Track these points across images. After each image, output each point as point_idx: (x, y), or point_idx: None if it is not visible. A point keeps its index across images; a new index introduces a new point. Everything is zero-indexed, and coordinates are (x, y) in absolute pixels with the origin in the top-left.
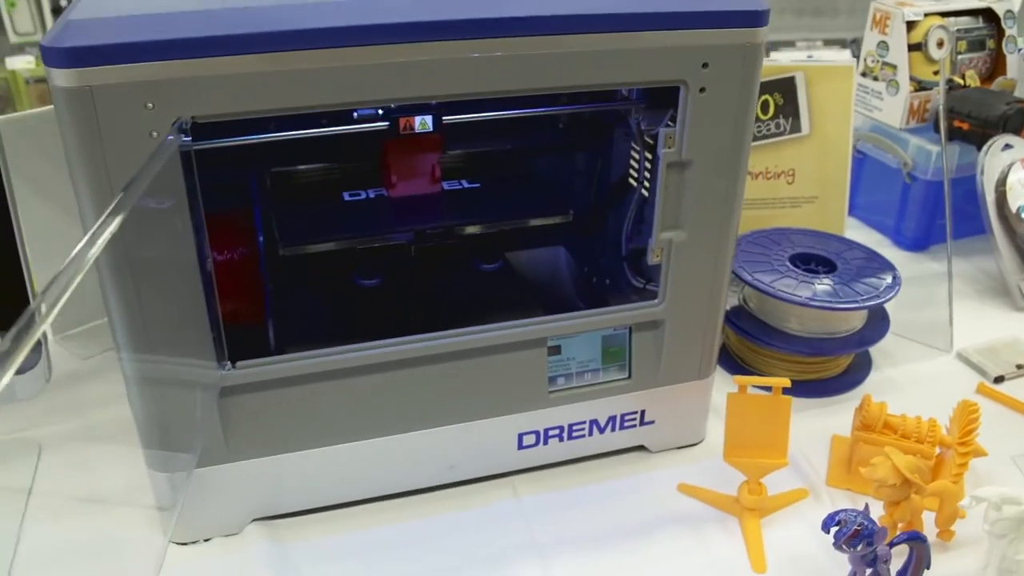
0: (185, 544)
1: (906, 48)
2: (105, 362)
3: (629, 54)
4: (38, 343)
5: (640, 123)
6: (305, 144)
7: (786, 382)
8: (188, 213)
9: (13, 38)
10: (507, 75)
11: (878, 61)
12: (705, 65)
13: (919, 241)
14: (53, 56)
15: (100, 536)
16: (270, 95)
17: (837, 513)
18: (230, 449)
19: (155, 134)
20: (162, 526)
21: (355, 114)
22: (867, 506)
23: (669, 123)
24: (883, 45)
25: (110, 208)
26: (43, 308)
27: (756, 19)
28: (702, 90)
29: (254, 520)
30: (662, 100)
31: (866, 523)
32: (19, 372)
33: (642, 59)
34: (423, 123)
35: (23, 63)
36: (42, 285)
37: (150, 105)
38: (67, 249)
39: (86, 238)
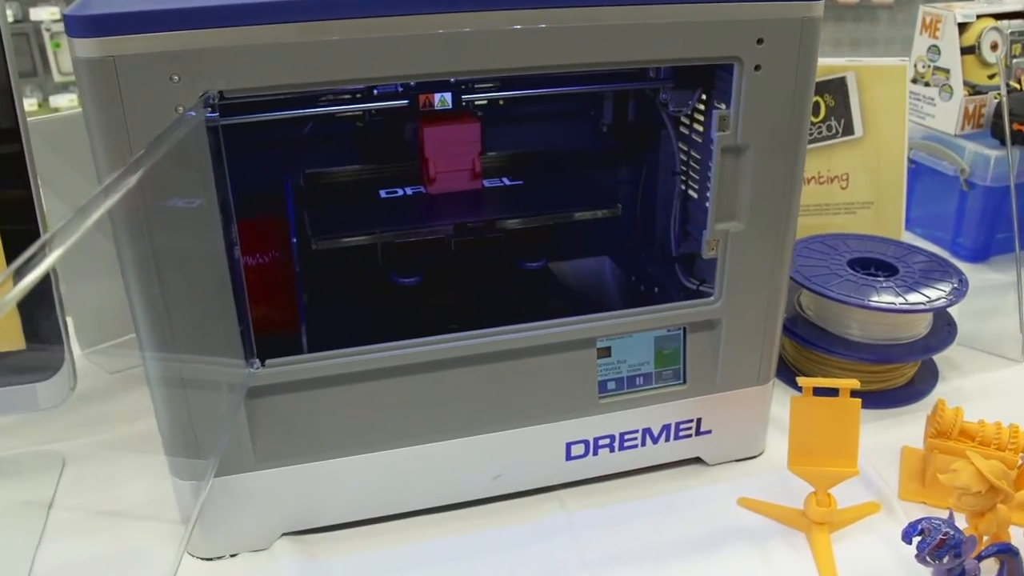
0: (210, 560)
1: (959, 51)
2: (133, 377)
3: (679, 28)
4: (61, 347)
5: (668, 104)
6: (339, 144)
7: (855, 383)
8: (216, 199)
9: (58, 77)
10: (551, 49)
11: (929, 66)
12: (760, 41)
13: (978, 252)
14: (75, 25)
15: (120, 551)
16: (304, 68)
17: (919, 522)
18: (257, 456)
19: (180, 108)
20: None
21: (375, 91)
22: (951, 514)
23: (715, 104)
24: (934, 49)
25: (126, 165)
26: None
27: None
28: (757, 68)
29: (284, 534)
30: (690, 79)
31: (952, 532)
32: (41, 379)
33: (693, 34)
34: (442, 100)
35: (67, 101)
36: (69, 298)
37: (176, 78)
38: (96, 255)
39: (102, 187)
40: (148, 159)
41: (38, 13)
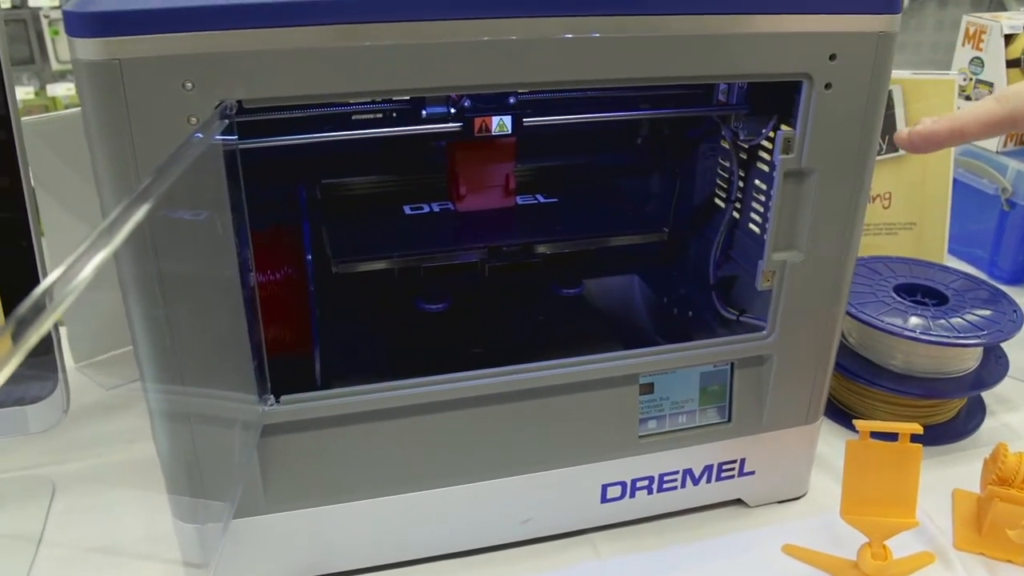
0: None
1: (1004, 64)
2: (131, 393)
3: (745, 40)
4: (54, 368)
5: (739, 132)
6: (359, 151)
7: (917, 428)
8: (229, 216)
9: (56, 65)
10: (604, 61)
11: (971, 79)
12: (833, 57)
13: (1018, 274)
14: (76, 22)
15: None
16: (331, 77)
17: None
18: (269, 498)
19: (194, 120)
20: None
21: (423, 112)
22: None
23: (778, 128)
24: (977, 61)
25: (137, 191)
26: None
27: (891, 4)
28: (827, 86)
29: None
30: (765, 106)
31: None
32: (32, 401)
33: (760, 47)
34: (501, 124)
35: (64, 90)
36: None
37: (189, 85)
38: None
39: (105, 223)
40: (161, 184)
41: None
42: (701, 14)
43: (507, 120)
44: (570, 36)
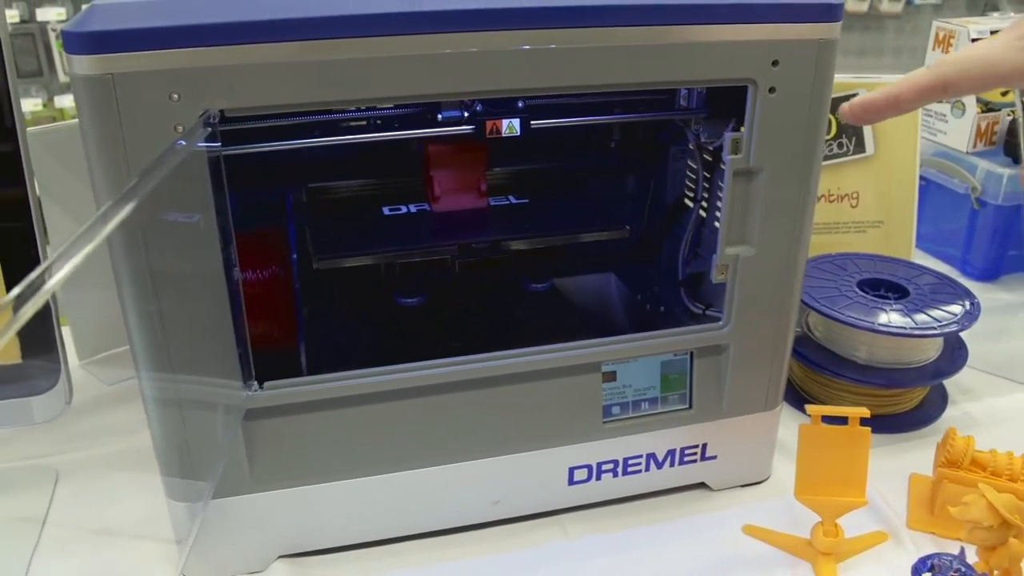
0: None
1: None
2: (131, 389)
3: (693, 49)
4: (57, 363)
5: (700, 135)
6: (343, 157)
7: (864, 411)
8: (214, 216)
9: (63, 77)
10: (560, 70)
11: None
12: (775, 63)
13: (988, 271)
14: (73, 41)
15: (114, 571)
16: (305, 87)
17: (929, 557)
18: (255, 478)
19: (180, 128)
20: (179, 560)
21: (439, 116)
22: (963, 550)
23: (736, 129)
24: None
25: (126, 189)
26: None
27: (831, 13)
28: (772, 90)
29: (280, 557)
30: (724, 109)
31: (964, 569)
32: (37, 392)
33: (707, 55)
34: (510, 127)
35: (71, 101)
36: (67, 307)
37: (175, 96)
38: (94, 265)
39: (98, 213)
40: (147, 184)
41: (44, 13)
42: (651, 26)
43: (516, 123)
44: (528, 48)
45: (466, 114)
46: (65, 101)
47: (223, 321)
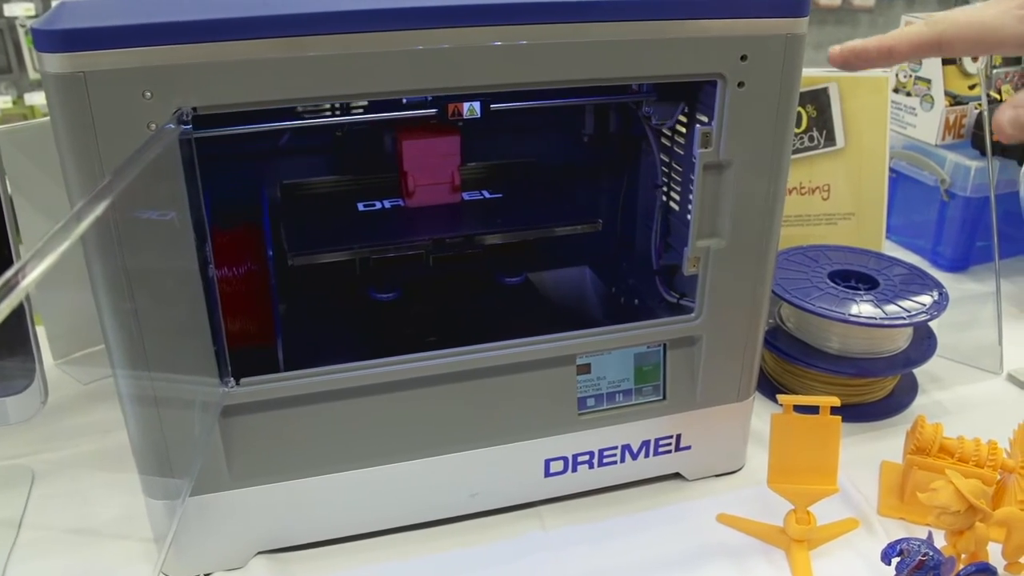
0: None
1: (940, 62)
2: (107, 388)
3: (662, 45)
4: (32, 362)
5: (651, 117)
6: (318, 154)
7: (835, 400)
8: (189, 214)
9: (33, 74)
10: (531, 66)
11: (911, 76)
12: (744, 58)
13: (958, 262)
14: (44, 39)
15: (92, 571)
16: (279, 84)
17: (898, 542)
18: (232, 475)
19: (153, 126)
20: (158, 558)
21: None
22: (930, 534)
23: (698, 119)
24: (915, 59)
25: (99, 187)
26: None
27: (798, 8)
28: (740, 85)
29: (259, 553)
30: (672, 94)
31: (931, 553)
32: (11, 392)
33: (676, 51)
34: (471, 110)
35: (42, 98)
36: (41, 307)
37: (148, 94)
38: (69, 264)
39: (72, 212)
40: (120, 181)
41: (12, 9)
42: (620, 21)
43: (476, 106)
44: (499, 44)
45: (429, 98)
46: (36, 98)
47: (199, 318)
